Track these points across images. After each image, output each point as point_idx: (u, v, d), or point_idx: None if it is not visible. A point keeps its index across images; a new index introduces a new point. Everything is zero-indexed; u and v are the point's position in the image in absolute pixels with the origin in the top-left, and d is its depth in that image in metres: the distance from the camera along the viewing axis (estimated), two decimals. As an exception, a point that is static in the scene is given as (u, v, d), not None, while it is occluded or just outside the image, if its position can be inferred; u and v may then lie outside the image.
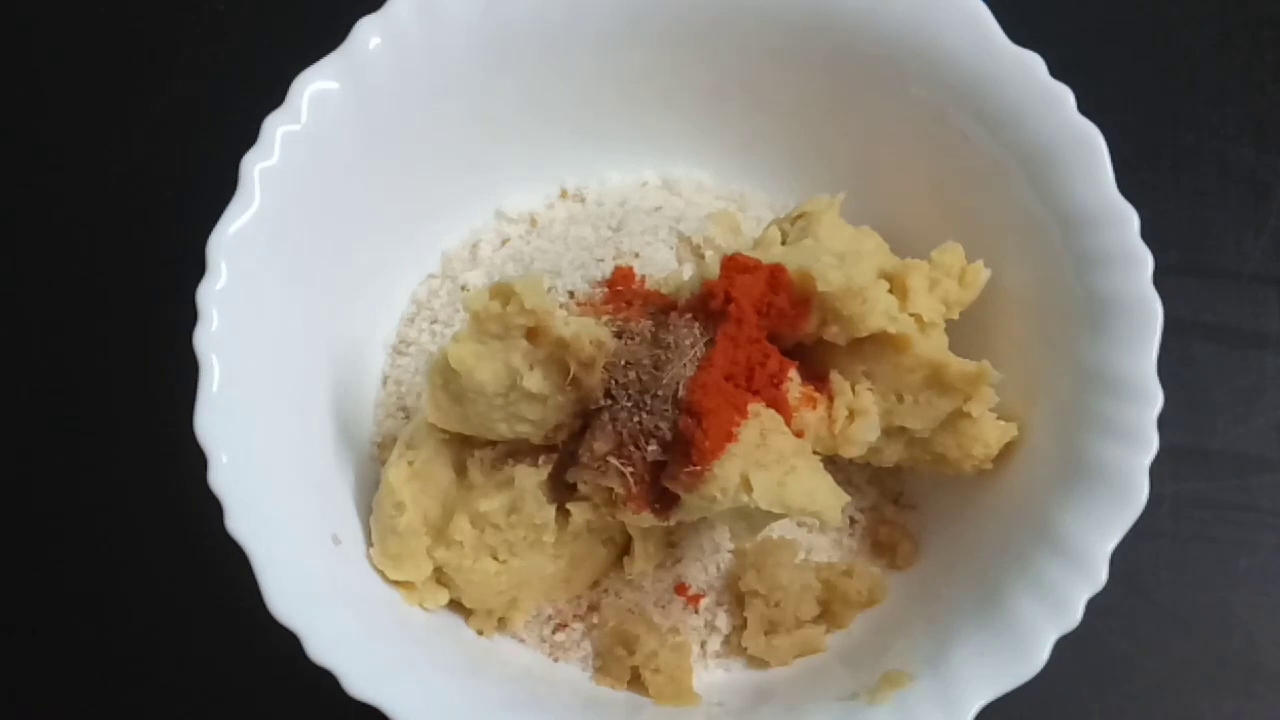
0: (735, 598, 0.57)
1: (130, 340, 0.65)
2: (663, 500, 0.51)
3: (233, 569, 0.47)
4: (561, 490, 0.54)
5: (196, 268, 0.50)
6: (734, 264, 0.52)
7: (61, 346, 0.66)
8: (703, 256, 0.61)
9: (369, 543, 0.54)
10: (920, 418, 0.53)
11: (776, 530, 0.58)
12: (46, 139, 0.71)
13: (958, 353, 0.54)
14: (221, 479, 0.48)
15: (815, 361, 0.55)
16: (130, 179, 0.69)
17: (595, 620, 0.57)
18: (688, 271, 0.60)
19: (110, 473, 0.63)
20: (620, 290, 0.58)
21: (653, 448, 0.50)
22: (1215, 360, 0.66)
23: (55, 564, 0.63)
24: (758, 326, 0.52)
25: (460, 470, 0.54)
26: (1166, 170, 0.70)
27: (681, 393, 0.50)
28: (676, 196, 0.64)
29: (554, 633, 0.57)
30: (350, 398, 0.59)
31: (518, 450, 0.54)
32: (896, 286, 0.53)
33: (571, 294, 0.61)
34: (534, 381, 0.49)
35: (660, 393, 0.50)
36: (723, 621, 0.57)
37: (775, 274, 0.53)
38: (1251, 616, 0.62)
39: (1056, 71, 0.54)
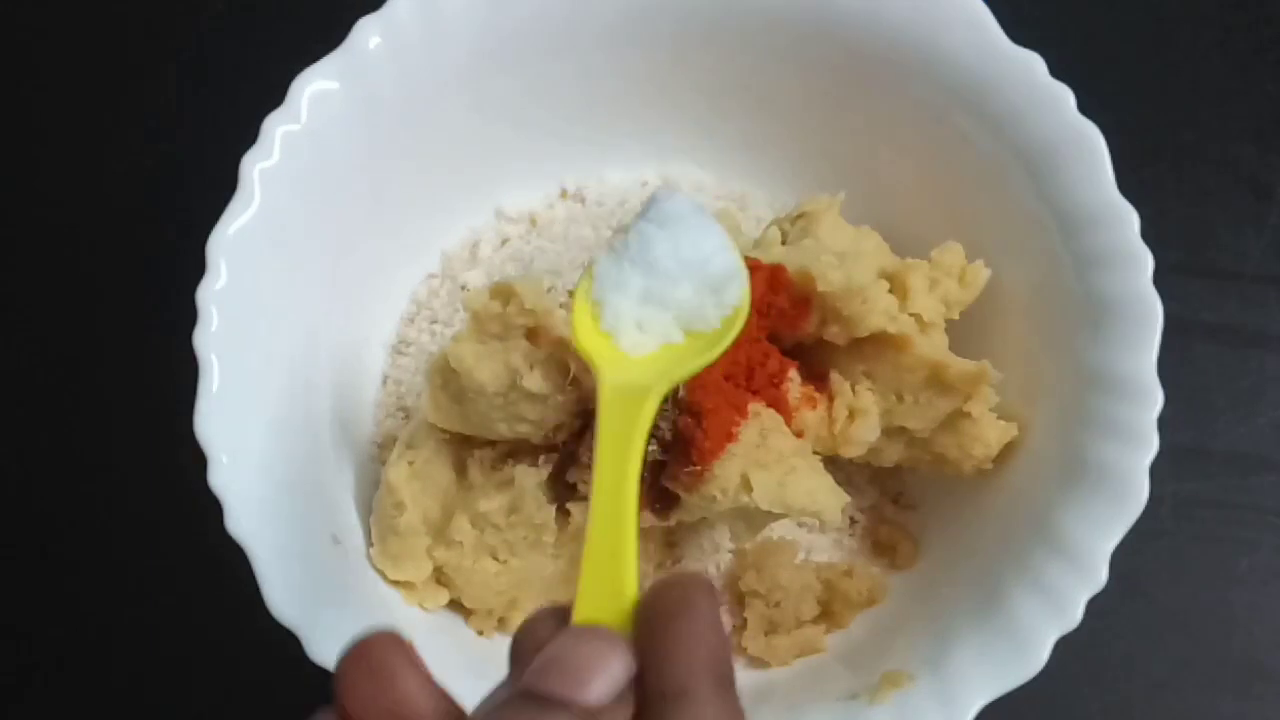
0: (735, 598, 0.57)
1: (130, 340, 0.65)
2: (663, 500, 0.51)
3: (232, 569, 0.47)
4: (561, 490, 0.54)
5: (196, 268, 0.50)
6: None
7: (61, 347, 0.66)
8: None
9: (369, 543, 0.54)
10: (920, 418, 0.53)
11: (776, 530, 0.58)
12: (46, 139, 0.71)
13: (958, 353, 0.54)
14: (221, 479, 0.48)
15: (815, 361, 0.55)
16: (130, 179, 0.69)
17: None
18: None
19: (110, 473, 0.63)
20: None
21: (652, 448, 0.50)
22: (1215, 360, 0.66)
23: (54, 564, 0.63)
24: (758, 326, 0.52)
25: (460, 470, 0.54)
26: (1166, 170, 0.70)
27: (681, 393, 0.50)
28: (676, 196, 0.64)
29: (554, 633, 0.57)
30: (350, 398, 0.59)
31: (518, 450, 0.54)
32: (896, 286, 0.53)
33: (572, 294, 0.61)
34: (534, 381, 0.49)
35: (660, 393, 0.50)
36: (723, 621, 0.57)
37: (775, 274, 0.53)
38: (1251, 616, 0.62)
39: (1056, 71, 0.54)
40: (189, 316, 0.49)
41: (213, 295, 0.50)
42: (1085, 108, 0.53)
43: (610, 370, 0.40)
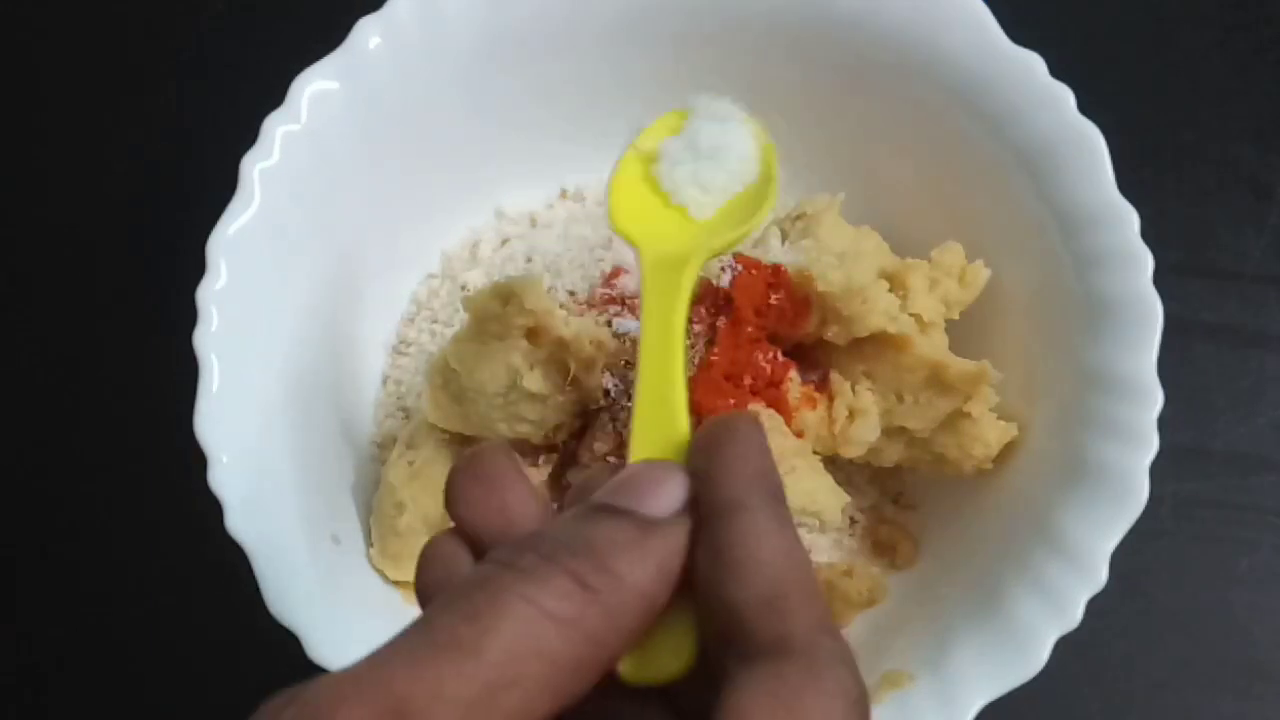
0: (735, 598, 0.57)
1: (130, 340, 0.65)
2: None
3: (233, 569, 0.47)
4: (561, 490, 0.54)
5: (196, 268, 0.50)
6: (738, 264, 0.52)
7: (61, 347, 0.66)
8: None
9: (369, 543, 0.54)
10: (920, 418, 0.53)
11: (776, 530, 0.58)
12: (46, 139, 0.71)
13: (958, 353, 0.54)
14: (221, 479, 0.48)
15: (815, 361, 0.55)
16: (130, 178, 0.69)
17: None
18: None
19: (110, 473, 0.63)
20: (618, 292, 0.58)
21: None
22: (1215, 360, 0.66)
23: (54, 564, 0.63)
24: (758, 326, 0.52)
25: (460, 470, 0.54)
26: (1166, 170, 0.70)
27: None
28: (676, 196, 0.64)
29: (554, 633, 0.57)
30: (350, 398, 0.59)
31: (518, 450, 0.54)
32: (896, 286, 0.53)
33: (572, 294, 0.61)
34: (534, 381, 0.49)
35: (660, 393, 0.50)
36: (723, 621, 0.57)
37: (775, 274, 0.53)
38: (1251, 616, 0.62)
39: (1056, 71, 0.54)
40: (189, 316, 0.49)
41: (213, 295, 0.50)
42: (1085, 108, 0.53)
43: (648, 245, 0.43)
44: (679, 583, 0.29)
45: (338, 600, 0.49)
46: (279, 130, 0.52)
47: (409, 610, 0.53)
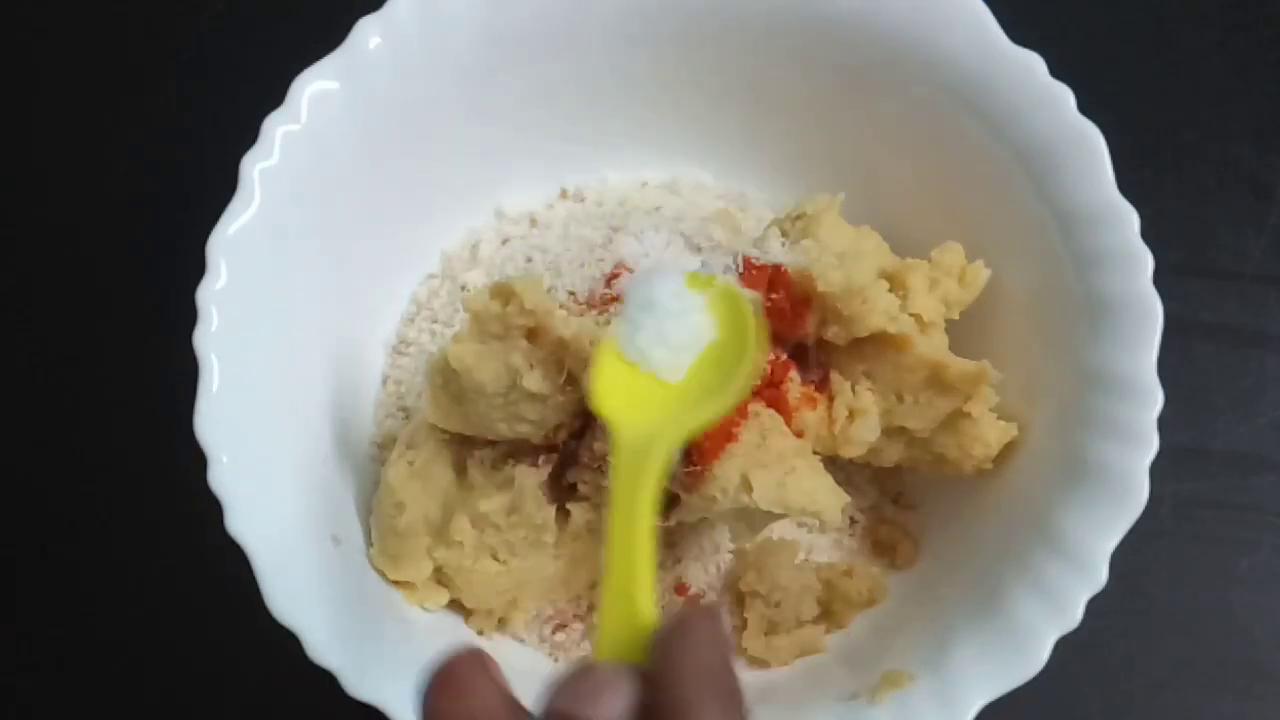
0: (735, 598, 0.57)
1: (130, 340, 0.65)
2: (663, 500, 0.51)
3: (232, 569, 0.47)
4: (561, 490, 0.54)
5: (196, 268, 0.50)
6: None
7: (61, 347, 0.66)
8: (703, 256, 0.61)
9: (369, 543, 0.54)
10: (920, 418, 0.53)
11: (776, 531, 0.58)
12: (46, 139, 0.71)
13: (958, 353, 0.54)
14: (221, 479, 0.48)
15: (815, 361, 0.55)
16: (130, 179, 0.69)
17: (595, 620, 0.57)
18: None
19: (110, 473, 0.63)
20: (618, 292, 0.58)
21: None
22: (1215, 360, 0.66)
23: (54, 564, 0.63)
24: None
25: (460, 470, 0.54)
26: (1166, 170, 0.70)
27: (681, 393, 0.50)
28: (676, 196, 0.64)
29: (554, 633, 0.57)
30: (350, 398, 0.59)
31: (518, 450, 0.54)
32: (896, 286, 0.54)
33: (572, 294, 0.61)
34: (534, 381, 0.49)
35: (660, 393, 0.50)
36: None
37: (775, 274, 0.53)
38: (1251, 616, 0.62)
39: (1056, 71, 0.54)
40: (189, 316, 0.49)
41: (213, 295, 0.50)
42: (1085, 108, 0.53)
43: (626, 426, 0.43)
44: None
45: (338, 600, 0.49)
46: (279, 130, 0.52)
47: (409, 610, 0.54)
